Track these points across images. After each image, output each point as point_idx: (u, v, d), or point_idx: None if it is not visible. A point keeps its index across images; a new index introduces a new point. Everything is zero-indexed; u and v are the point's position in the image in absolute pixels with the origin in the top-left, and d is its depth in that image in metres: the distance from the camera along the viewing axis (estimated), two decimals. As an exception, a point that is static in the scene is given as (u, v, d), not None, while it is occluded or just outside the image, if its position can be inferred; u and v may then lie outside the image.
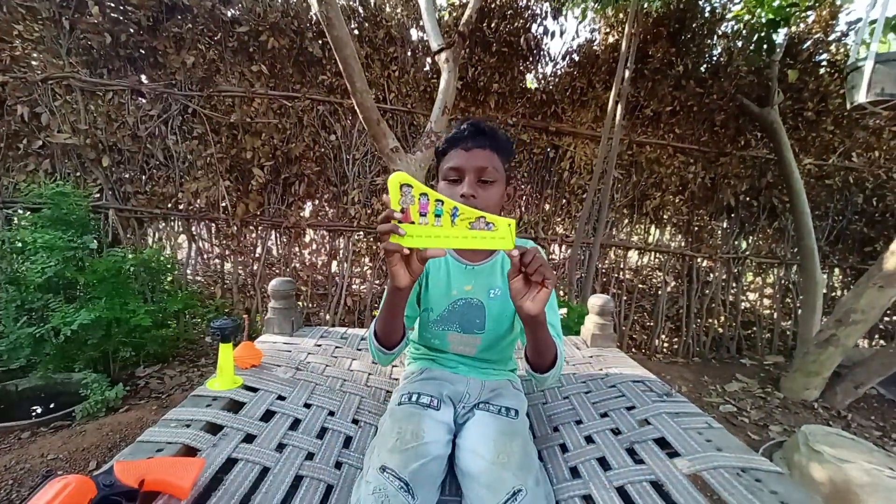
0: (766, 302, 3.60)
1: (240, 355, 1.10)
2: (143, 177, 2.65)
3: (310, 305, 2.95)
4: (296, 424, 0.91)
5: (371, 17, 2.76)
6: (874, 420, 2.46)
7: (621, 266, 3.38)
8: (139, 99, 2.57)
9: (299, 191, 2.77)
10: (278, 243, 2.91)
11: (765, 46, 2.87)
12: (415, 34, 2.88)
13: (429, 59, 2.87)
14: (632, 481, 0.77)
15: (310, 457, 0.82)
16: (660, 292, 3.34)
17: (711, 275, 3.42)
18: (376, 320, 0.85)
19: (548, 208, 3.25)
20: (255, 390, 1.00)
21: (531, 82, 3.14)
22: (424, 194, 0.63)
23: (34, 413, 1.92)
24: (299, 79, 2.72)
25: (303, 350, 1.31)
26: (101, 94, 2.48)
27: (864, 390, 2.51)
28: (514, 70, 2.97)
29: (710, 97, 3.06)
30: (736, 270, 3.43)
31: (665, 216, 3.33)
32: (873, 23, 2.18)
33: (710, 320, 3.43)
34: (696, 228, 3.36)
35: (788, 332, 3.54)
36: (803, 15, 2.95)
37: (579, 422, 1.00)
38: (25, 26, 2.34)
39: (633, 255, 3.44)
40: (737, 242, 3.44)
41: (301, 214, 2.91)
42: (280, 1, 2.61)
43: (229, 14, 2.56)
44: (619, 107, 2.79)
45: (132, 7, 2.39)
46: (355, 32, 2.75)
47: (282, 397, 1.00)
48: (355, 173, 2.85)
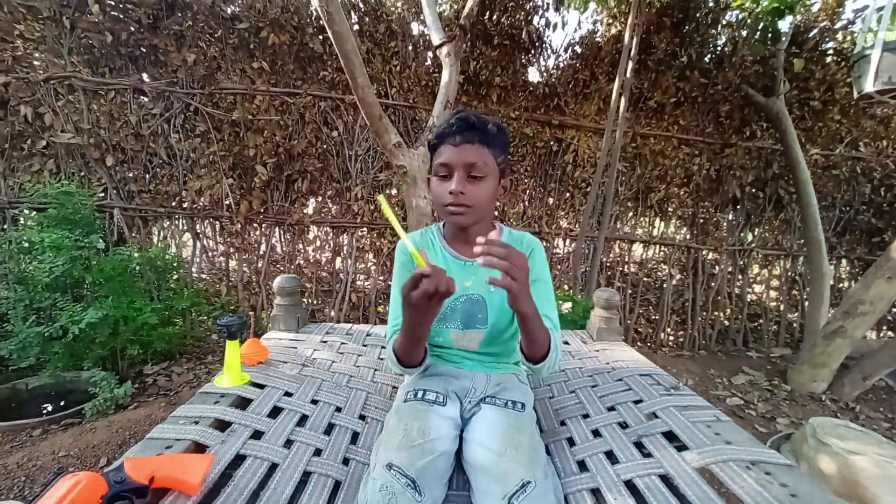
0: (773, 294, 3.57)
1: (246, 352, 1.10)
2: (147, 175, 2.66)
3: (315, 302, 2.96)
4: (303, 421, 0.92)
5: (371, 11, 2.74)
6: (883, 412, 2.45)
7: (626, 259, 3.37)
8: (141, 98, 2.57)
9: (302, 188, 2.77)
10: (282, 240, 2.92)
11: (770, 35, 2.82)
12: (416, 28, 2.85)
13: (430, 54, 2.84)
14: (640, 475, 0.77)
15: (317, 453, 0.82)
16: (665, 285, 3.32)
17: (717, 267, 3.40)
18: (399, 347, 0.83)
19: (551, 202, 3.23)
20: (262, 387, 1.00)
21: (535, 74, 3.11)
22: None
23: (45, 411, 1.95)
24: (300, 75, 2.71)
25: (309, 346, 1.31)
26: (103, 94, 2.48)
27: (873, 382, 2.50)
28: (517, 63, 2.94)
29: (715, 88, 3.02)
30: (742, 262, 3.41)
31: (670, 209, 3.30)
32: (880, 10, 2.13)
33: (716, 313, 3.41)
34: (702, 221, 3.33)
35: (795, 325, 3.52)
36: (809, 3, 2.89)
37: (586, 416, 1.00)
38: (27, 26, 2.33)
39: (637, 248, 3.41)
40: (742, 234, 3.41)
41: (304, 211, 2.91)
42: (280, -3, 2.60)
43: (229, 10, 2.55)
44: (623, 99, 2.76)
45: (132, 5, 2.39)
46: (356, 27, 2.73)
47: (289, 393, 1.00)
48: (358, 169, 2.85)
